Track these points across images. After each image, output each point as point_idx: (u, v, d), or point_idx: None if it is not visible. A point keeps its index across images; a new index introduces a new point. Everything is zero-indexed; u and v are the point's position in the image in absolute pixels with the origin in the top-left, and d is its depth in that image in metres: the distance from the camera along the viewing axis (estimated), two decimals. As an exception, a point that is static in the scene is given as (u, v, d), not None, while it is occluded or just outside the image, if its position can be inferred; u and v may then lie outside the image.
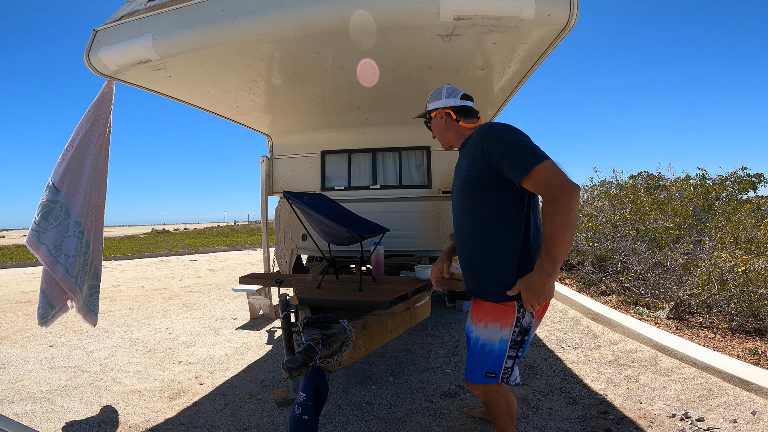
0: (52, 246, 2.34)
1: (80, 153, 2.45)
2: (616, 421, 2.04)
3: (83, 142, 2.47)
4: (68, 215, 2.41)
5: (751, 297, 3.15)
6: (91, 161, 2.49)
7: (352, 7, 1.80)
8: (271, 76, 2.62)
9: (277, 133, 4.30)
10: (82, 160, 2.46)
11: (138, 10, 2.22)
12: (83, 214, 2.46)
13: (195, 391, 2.54)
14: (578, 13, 1.77)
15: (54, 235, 2.35)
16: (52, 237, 2.35)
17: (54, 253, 2.35)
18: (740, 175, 6.68)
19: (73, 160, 2.43)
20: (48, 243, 2.34)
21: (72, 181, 2.43)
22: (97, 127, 2.51)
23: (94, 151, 2.50)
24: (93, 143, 2.49)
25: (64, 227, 2.39)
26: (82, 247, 2.45)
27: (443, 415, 2.15)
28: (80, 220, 2.44)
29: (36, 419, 2.19)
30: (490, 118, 3.83)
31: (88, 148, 2.48)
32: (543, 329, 3.64)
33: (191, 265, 9.86)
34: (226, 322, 4.17)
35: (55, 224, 2.36)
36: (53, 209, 2.37)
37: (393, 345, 3.22)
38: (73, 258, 2.39)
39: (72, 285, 2.41)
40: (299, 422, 1.46)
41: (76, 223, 2.43)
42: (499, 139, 1.38)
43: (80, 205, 2.45)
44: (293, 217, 4.11)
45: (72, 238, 2.40)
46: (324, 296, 2.37)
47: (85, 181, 2.46)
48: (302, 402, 1.47)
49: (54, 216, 2.37)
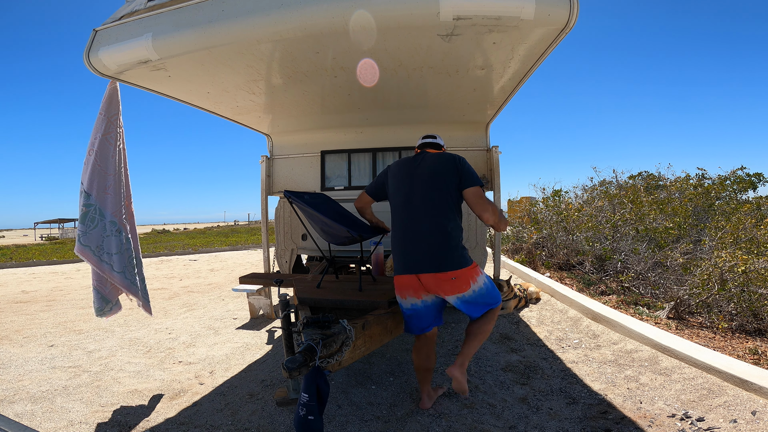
0: (95, 247, 2.51)
1: (102, 156, 2.55)
2: (616, 421, 2.04)
3: (102, 144, 2.55)
4: (103, 216, 2.55)
5: (751, 297, 3.15)
6: (114, 162, 2.60)
7: (352, 7, 1.80)
8: (271, 76, 2.62)
9: (277, 133, 4.30)
10: (105, 163, 2.57)
11: (138, 10, 2.22)
12: (116, 214, 2.59)
13: (195, 391, 2.54)
14: (578, 12, 1.77)
15: (94, 236, 2.52)
16: (93, 238, 2.51)
17: (97, 252, 2.51)
18: (739, 174, 6.68)
19: (97, 164, 2.54)
20: (90, 245, 2.50)
21: (100, 184, 2.55)
22: (112, 128, 2.59)
23: (115, 152, 2.60)
24: (112, 145, 2.59)
25: (102, 228, 2.54)
26: (123, 244, 2.59)
27: (443, 415, 2.15)
28: (115, 220, 2.57)
29: (36, 419, 2.19)
30: (490, 118, 3.83)
31: (108, 150, 2.58)
32: (543, 329, 3.64)
33: (191, 265, 9.86)
34: (226, 322, 4.17)
35: (93, 226, 2.52)
36: (88, 212, 2.51)
37: (393, 345, 3.22)
38: (116, 255, 2.55)
39: (121, 280, 2.56)
40: (305, 423, 1.47)
41: (112, 222, 2.56)
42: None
43: (112, 205, 2.58)
44: (293, 217, 4.11)
45: (111, 237, 2.55)
46: (324, 296, 2.37)
47: (112, 182, 2.58)
48: (305, 403, 1.48)
49: (90, 219, 2.51)
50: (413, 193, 2.10)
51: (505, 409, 2.21)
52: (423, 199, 2.07)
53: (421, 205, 2.07)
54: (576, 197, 7.92)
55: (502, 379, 2.60)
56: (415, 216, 2.07)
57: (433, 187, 2.07)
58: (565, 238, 6.40)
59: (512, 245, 8.38)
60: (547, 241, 6.86)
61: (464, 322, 3.87)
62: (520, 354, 3.04)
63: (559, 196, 7.93)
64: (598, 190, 7.24)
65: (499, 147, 3.86)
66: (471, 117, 3.74)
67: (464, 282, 2.01)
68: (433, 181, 2.07)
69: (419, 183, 2.10)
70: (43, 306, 5.26)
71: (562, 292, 4.46)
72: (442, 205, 2.05)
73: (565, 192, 8.08)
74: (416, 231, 2.06)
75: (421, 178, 2.11)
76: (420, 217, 2.06)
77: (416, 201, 2.08)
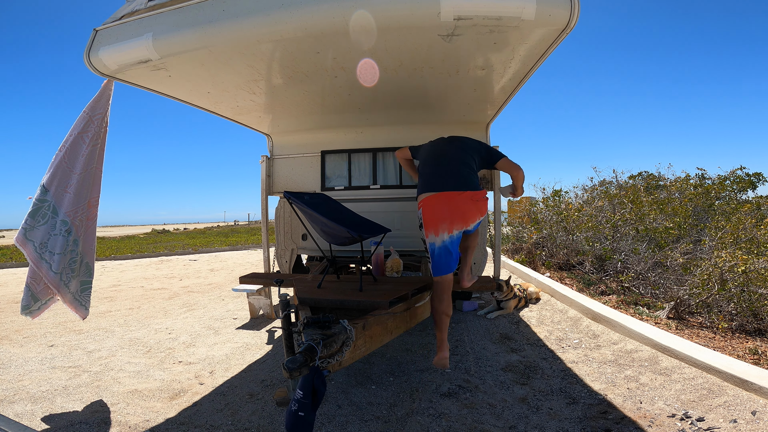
0: (38, 243, 2.44)
1: (71, 153, 2.51)
2: (616, 421, 2.04)
3: (75, 142, 2.51)
4: (56, 214, 2.49)
5: (751, 297, 3.15)
6: (83, 161, 2.54)
7: (352, 7, 1.80)
8: (271, 75, 2.62)
9: (277, 133, 4.30)
10: (73, 161, 2.52)
11: (138, 10, 2.22)
12: (71, 214, 2.52)
13: (195, 391, 2.54)
14: (579, 13, 1.77)
15: (41, 233, 2.45)
16: (38, 234, 2.44)
17: (39, 249, 2.44)
18: (739, 174, 6.69)
19: (64, 161, 2.49)
20: (34, 240, 2.43)
21: (61, 181, 2.49)
22: (91, 127, 2.55)
23: (86, 152, 2.54)
24: (86, 144, 2.54)
25: (51, 225, 2.47)
26: (68, 246, 2.51)
27: (443, 415, 2.16)
28: (67, 219, 2.50)
29: (36, 419, 2.19)
30: (490, 118, 3.83)
31: (80, 148, 2.53)
32: (543, 329, 3.64)
33: (191, 265, 9.86)
34: (226, 322, 4.17)
35: (42, 222, 2.45)
36: (41, 208, 2.45)
37: (393, 345, 3.22)
38: (58, 255, 2.47)
39: (56, 281, 2.48)
40: (296, 419, 1.47)
41: (63, 222, 2.49)
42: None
43: (68, 204, 2.51)
44: (293, 217, 4.10)
45: (58, 236, 2.48)
46: (324, 296, 2.37)
47: (75, 181, 2.52)
48: (299, 399, 1.48)
49: (41, 214, 2.45)
50: (445, 151, 2.68)
51: (505, 409, 2.21)
52: (453, 155, 2.63)
53: (452, 156, 2.62)
54: (576, 197, 7.93)
55: (502, 379, 2.60)
56: (444, 162, 2.60)
57: (463, 150, 2.65)
58: (565, 238, 6.40)
59: (512, 245, 8.38)
60: (547, 241, 6.86)
61: (464, 323, 3.87)
62: (520, 354, 3.05)
63: (559, 196, 7.93)
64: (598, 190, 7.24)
65: (500, 147, 3.85)
66: (471, 117, 3.74)
67: (484, 204, 2.53)
68: (464, 146, 2.68)
69: (452, 147, 2.69)
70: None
71: (562, 292, 4.47)
72: (467, 160, 2.59)
73: (565, 192, 8.09)
74: (446, 167, 2.56)
75: (454, 144, 2.71)
76: (449, 162, 2.59)
77: (449, 154, 2.64)
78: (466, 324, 3.83)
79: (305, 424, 1.47)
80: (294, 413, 1.48)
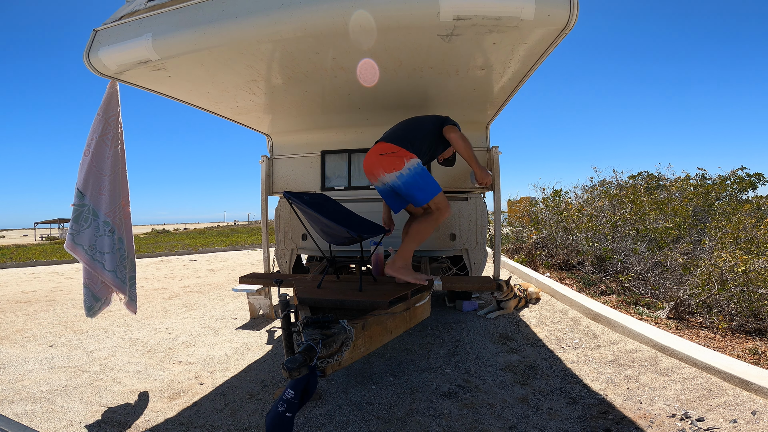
0: (87, 246, 2.54)
1: (98, 157, 2.59)
2: (616, 421, 2.04)
3: (99, 145, 2.58)
4: (96, 216, 2.59)
5: (751, 297, 3.15)
6: (110, 163, 2.62)
7: (352, 7, 1.80)
8: (271, 76, 2.62)
9: (277, 133, 4.30)
10: (101, 164, 2.60)
11: (138, 10, 2.22)
12: (110, 214, 2.62)
13: (195, 391, 2.54)
14: (578, 13, 1.77)
15: (87, 236, 2.55)
16: (86, 238, 2.55)
17: (90, 252, 2.55)
18: (740, 174, 6.69)
19: (93, 165, 2.57)
20: (83, 243, 2.54)
21: (95, 185, 2.58)
22: (110, 129, 2.61)
23: (111, 153, 2.62)
24: (108, 146, 2.61)
25: (95, 228, 2.58)
26: (115, 244, 2.63)
27: (443, 415, 2.15)
28: (108, 220, 2.61)
29: (36, 419, 2.19)
30: (490, 118, 3.83)
31: (104, 151, 2.60)
32: (543, 329, 3.64)
33: (191, 265, 9.86)
34: (226, 322, 4.17)
35: (86, 226, 2.56)
36: (82, 212, 2.55)
37: (393, 345, 3.22)
38: (108, 255, 2.58)
39: (112, 279, 2.60)
40: (281, 419, 1.42)
41: (105, 223, 2.60)
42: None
43: (106, 205, 2.61)
44: (293, 217, 4.10)
45: (104, 236, 2.59)
46: (324, 296, 2.37)
47: (107, 183, 2.61)
48: (288, 399, 1.43)
49: (83, 218, 2.55)
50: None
51: (505, 409, 2.21)
52: (399, 125, 2.93)
53: (399, 125, 2.93)
54: (576, 197, 7.93)
55: (502, 379, 2.60)
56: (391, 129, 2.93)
57: (409, 123, 2.91)
58: (565, 238, 6.40)
59: (512, 245, 8.38)
60: (547, 241, 6.86)
61: (464, 323, 3.87)
62: (520, 354, 3.05)
63: (559, 196, 7.93)
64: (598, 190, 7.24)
65: (500, 147, 3.86)
66: (471, 117, 3.74)
67: (389, 160, 2.58)
68: (415, 120, 2.93)
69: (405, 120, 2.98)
70: (43, 306, 5.26)
71: (562, 292, 4.46)
72: (410, 126, 2.84)
73: (565, 192, 8.09)
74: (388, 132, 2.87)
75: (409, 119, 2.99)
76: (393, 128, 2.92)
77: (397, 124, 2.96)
78: (466, 324, 3.83)
79: (288, 424, 1.43)
80: (281, 414, 1.42)
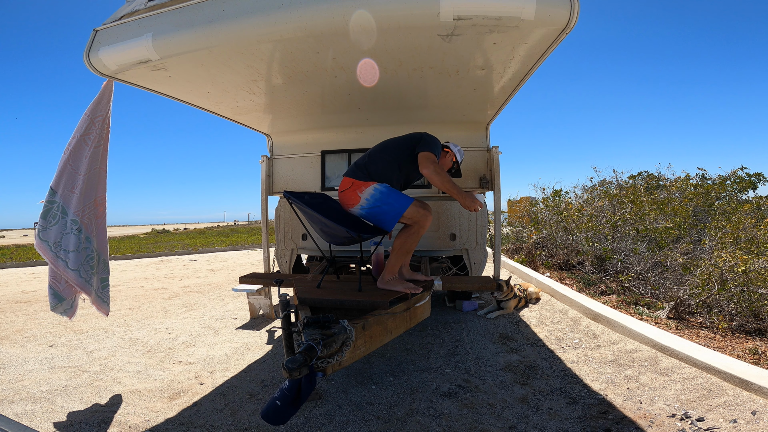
0: (52, 242, 2.54)
1: (75, 156, 2.59)
2: (616, 421, 2.04)
3: (78, 145, 2.59)
4: (65, 214, 2.58)
5: (751, 297, 3.15)
6: (87, 162, 2.61)
7: (352, 7, 1.80)
8: (271, 76, 2.62)
9: (277, 133, 4.30)
10: (78, 163, 2.60)
11: (138, 10, 2.22)
12: (79, 213, 2.61)
13: (195, 391, 2.54)
14: (579, 13, 1.77)
15: (53, 232, 2.55)
16: (52, 234, 2.54)
17: (54, 248, 2.54)
18: (740, 174, 6.69)
19: (69, 163, 2.58)
20: (48, 240, 2.53)
21: (68, 183, 2.58)
22: (93, 129, 2.61)
23: (89, 153, 2.61)
24: (88, 145, 2.61)
25: (62, 225, 2.57)
26: (81, 243, 2.61)
27: (443, 415, 2.16)
28: (77, 218, 2.59)
29: (36, 419, 2.19)
30: (490, 118, 3.83)
31: (83, 150, 2.60)
32: (543, 329, 3.64)
33: (191, 265, 9.86)
34: (226, 322, 4.17)
35: (54, 222, 2.55)
36: (51, 209, 2.55)
37: (393, 345, 3.22)
38: (72, 253, 2.56)
39: (76, 279, 2.57)
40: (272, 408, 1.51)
41: (73, 221, 2.58)
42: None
43: (76, 204, 2.60)
44: (293, 217, 4.10)
45: (70, 234, 2.57)
46: (324, 296, 2.37)
47: (81, 182, 2.60)
48: (282, 389, 1.52)
49: (52, 215, 2.55)
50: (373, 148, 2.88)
51: (505, 409, 2.21)
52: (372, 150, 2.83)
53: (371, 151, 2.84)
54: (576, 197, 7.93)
55: (502, 379, 2.60)
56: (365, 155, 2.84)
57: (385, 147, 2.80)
58: (565, 238, 6.40)
59: (512, 245, 8.39)
60: (547, 241, 6.86)
61: (464, 323, 3.87)
62: (520, 354, 3.05)
63: (559, 196, 7.94)
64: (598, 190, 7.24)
65: (500, 147, 3.86)
66: (471, 117, 3.74)
67: (352, 194, 2.53)
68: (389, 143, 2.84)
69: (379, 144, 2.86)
70: (43, 306, 5.26)
71: (562, 292, 4.47)
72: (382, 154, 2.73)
73: (565, 192, 8.09)
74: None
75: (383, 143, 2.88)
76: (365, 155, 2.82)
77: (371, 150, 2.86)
78: (466, 324, 3.83)
79: (280, 414, 1.51)
80: (273, 401, 1.52)
